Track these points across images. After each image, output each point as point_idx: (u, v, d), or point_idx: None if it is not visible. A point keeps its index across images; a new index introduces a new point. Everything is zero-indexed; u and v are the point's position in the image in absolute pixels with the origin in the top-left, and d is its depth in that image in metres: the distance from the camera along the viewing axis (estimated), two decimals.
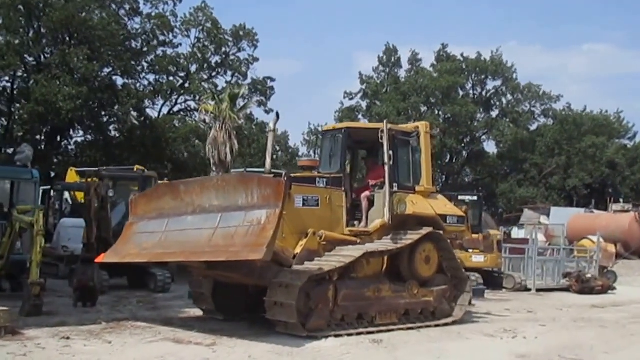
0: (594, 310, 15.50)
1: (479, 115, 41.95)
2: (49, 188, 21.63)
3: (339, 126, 11.85)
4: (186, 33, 33.17)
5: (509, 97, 42.80)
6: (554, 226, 30.17)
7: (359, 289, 10.34)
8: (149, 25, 31.89)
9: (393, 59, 41.57)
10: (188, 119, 33.43)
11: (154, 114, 32.68)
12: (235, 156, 26.83)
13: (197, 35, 33.61)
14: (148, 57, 31.67)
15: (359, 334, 10.04)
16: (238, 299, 11.16)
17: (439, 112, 39.97)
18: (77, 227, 15.93)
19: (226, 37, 33.43)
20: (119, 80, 30.24)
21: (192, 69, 33.42)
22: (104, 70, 29.28)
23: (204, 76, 33.89)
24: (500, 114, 43.28)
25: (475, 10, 77.39)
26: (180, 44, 33.35)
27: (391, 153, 10.83)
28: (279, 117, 11.31)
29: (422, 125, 12.20)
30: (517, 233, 33.27)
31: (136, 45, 31.13)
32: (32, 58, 28.28)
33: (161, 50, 32.17)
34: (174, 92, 32.88)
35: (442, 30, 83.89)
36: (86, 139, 30.80)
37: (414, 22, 78.15)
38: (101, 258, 11.34)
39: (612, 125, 45.31)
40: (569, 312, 15.04)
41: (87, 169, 21.02)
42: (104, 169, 19.30)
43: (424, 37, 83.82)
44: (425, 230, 11.21)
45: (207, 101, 27.35)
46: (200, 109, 27.70)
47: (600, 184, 43.17)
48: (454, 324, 11.53)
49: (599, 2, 77.64)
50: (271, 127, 11.19)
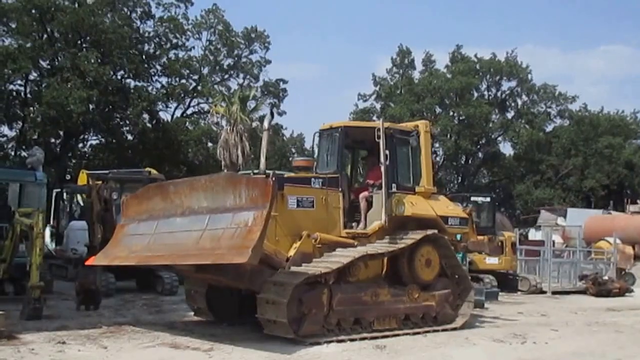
0: (610, 314, 14.93)
1: (494, 117, 41.15)
2: (59, 191, 21.57)
3: (335, 125, 11.33)
4: (197, 36, 33.01)
5: (524, 98, 42.07)
6: (570, 228, 29.52)
7: (355, 293, 9.84)
8: (161, 28, 31.83)
9: (407, 61, 41.00)
10: (201, 121, 33.23)
11: (167, 116, 32.69)
12: (247, 158, 26.54)
13: (209, 38, 33.49)
14: (160, 60, 31.57)
15: (362, 339, 9.62)
16: (232, 302, 10.73)
17: (453, 113, 39.28)
18: (85, 229, 15.66)
19: (238, 39, 33.20)
20: (131, 83, 30.18)
21: (204, 71, 33.26)
22: (115, 73, 29.21)
23: (216, 79, 33.71)
24: (515, 115, 42.43)
25: (491, 14, 76.35)
26: (193, 47, 33.34)
27: (387, 152, 10.32)
28: (273, 115, 10.90)
29: (422, 124, 11.68)
30: (534, 235, 32.64)
31: (149, 48, 31.04)
32: (45, 62, 28.26)
33: (173, 53, 32.08)
34: (186, 94, 32.73)
35: (457, 34, 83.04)
36: (100, 141, 30.76)
37: (430, 27, 77.33)
38: (91, 260, 11.02)
39: (628, 126, 44.16)
40: (584, 315, 14.49)
41: (97, 171, 20.89)
42: (115, 171, 19.11)
43: (439, 41, 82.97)
44: (424, 232, 10.67)
45: (218, 103, 27.15)
46: (211, 111, 27.52)
47: (617, 185, 42.13)
48: (461, 328, 11.05)
49: (614, 4, 76.13)
50: (265, 126, 10.76)
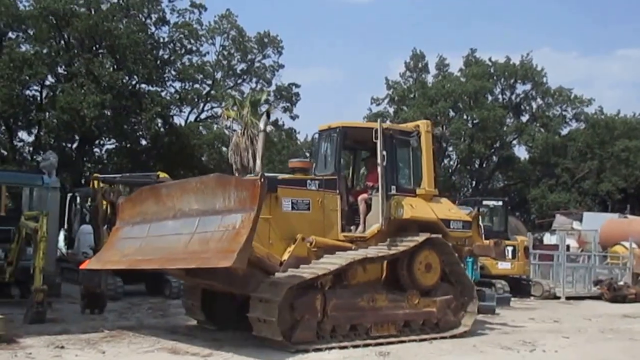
0: (625, 321, 14.34)
1: (508, 120, 40.38)
2: (72, 194, 21.50)
3: (334, 125, 10.93)
4: (211, 41, 32.92)
5: (539, 101, 41.14)
6: (586, 232, 28.64)
7: (351, 298, 9.42)
8: (176, 34, 31.79)
9: (420, 65, 40.49)
10: (214, 125, 33.11)
11: (181, 121, 32.58)
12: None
13: (222, 43, 33.36)
14: (175, 65, 31.50)
15: (365, 345, 9.25)
16: (227, 307, 10.37)
17: (467, 117, 38.63)
18: None
19: (251, 44, 33.04)
20: (145, 88, 30.10)
21: (218, 76, 33.11)
22: (130, 78, 29.18)
23: (229, 83, 33.56)
24: (530, 118, 41.60)
25: (508, 19, 75.44)
26: (207, 52, 33.26)
27: (385, 153, 9.89)
28: (269, 116, 10.57)
29: (423, 124, 11.21)
30: (549, 239, 31.90)
31: (163, 54, 30.98)
32: (61, 67, 28.30)
33: (187, 58, 32.00)
34: (200, 99, 32.62)
35: (473, 39, 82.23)
36: (115, 145, 30.74)
37: (444, 32, 76.64)
38: (85, 264, 10.75)
39: None
40: (598, 322, 13.91)
41: (109, 175, 20.82)
42: (123, 175, 18.97)
43: (453, 46, 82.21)
44: (424, 236, 10.20)
45: (229, 107, 26.96)
46: (223, 115, 27.31)
47: (635, 188, 41.03)
48: (468, 335, 10.61)
49: (633, 8, 74.67)
50: (261, 127, 10.41)
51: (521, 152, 43.10)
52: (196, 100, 32.53)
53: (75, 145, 29.70)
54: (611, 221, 31.50)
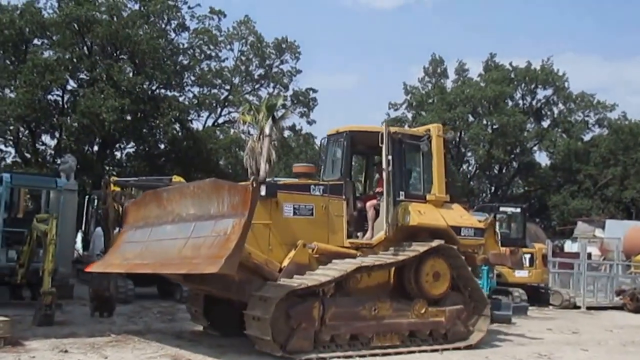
0: None
1: (529, 126, 39.50)
2: (89, 197, 21.50)
3: (342, 129, 10.57)
4: (230, 47, 32.83)
5: (561, 106, 40.18)
6: (609, 240, 27.81)
7: (352, 307, 9.02)
8: (195, 40, 31.78)
9: (439, 70, 39.89)
10: (231, 130, 32.93)
11: (199, 125, 32.51)
12: (273, 166, 25.99)
13: (241, 49, 33.25)
14: (194, 71, 31.46)
15: (372, 355, 8.92)
16: (229, 313, 10.02)
17: (487, 122, 37.89)
18: None
19: (269, 49, 32.87)
20: (164, 92, 30.10)
21: (236, 81, 32.98)
22: (150, 83, 29.20)
23: (247, 88, 33.47)
24: (551, 124, 40.65)
25: (529, 22, 74.36)
26: (226, 58, 33.19)
27: (390, 158, 9.46)
28: (275, 121, 10.17)
29: (434, 128, 10.77)
30: (570, 246, 31.13)
31: (182, 59, 30.98)
32: (83, 73, 28.41)
33: (206, 64, 31.96)
34: (218, 104, 32.53)
35: (495, 44, 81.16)
36: (136, 149, 30.76)
37: (464, 38, 75.86)
38: (89, 267, 10.55)
39: None
40: (619, 334, 13.36)
41: (126, 178, 20.79)
42: (143, 179, 18.90)
43: (473, 52, 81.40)
44: (432, 243, 9.74)
45: (245, 112, 26.74)
46: (239, 120, 27.12)
47: None
48: (482, 346, 10.22)
49: None
50: (266, 131, 10.13)
51: (542, 158, 42.23)
52: (214, 105, 32.43)
53: (96, 149, 29.79)
54: (635, 229, 30.60)
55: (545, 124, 40.85)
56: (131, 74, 27.58)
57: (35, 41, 28.28)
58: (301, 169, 10.37)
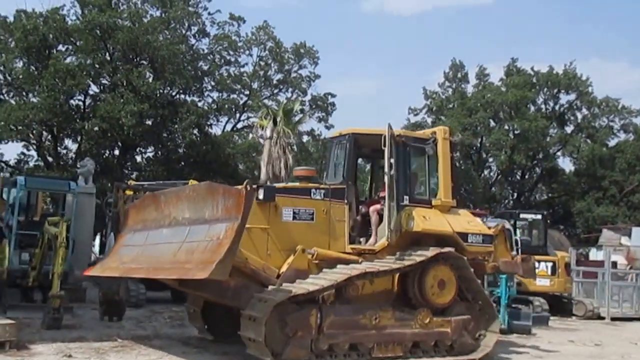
0: None
1: (551, 131, 38.52)
2: (105, 200, 21.46)
3: (344, 132, 10.24)
4: (248, 52, 32.73)
5: (585, 111, 39.10)
6: (635, 248, 26.93)
7: (352, 315, 8.63)
8: (216, 46, 31.81)
9: (460, 75, 39.20)
10: (250, 134, 32.78)
11: (219, 130, 32.45)
12: (289, 171, 25.73)
13: (259, 54, 33.14)
14: (214, 76, 31.43)
15: None
16: (227, 319, 9.74)
17: (508, 127, 37.07)
18: None
19: (288, 55, 32.70)
20: (183, 98, 30.12)
21: (254, 85, 32.86)
22: (171, 88, 29.25)
23: (266, 93, 33.33)
24: (575, 129, 39.60)
25: (552, 29, 73.06)
26: (245, 63, 33.13)
27: (393, 161, 9.07)
28: (276, 123, 9.87)
29: (440, 131, 10.35)
30: (595, 254, 30.24)
31: (201, 65, 30.98)
32: (105, 78, 28.55)
33: (225, 69, 31.90)
34: (237, 109, 32.42)
35: (518, 49, 79.91)
36: (155, 153, 30.81)
37: (485, 43, 74.83)
38: (88, 271, 10.37)
39: None
40: None
41: (141, 182, 20.75)
42: (160, 183, 18.81)
43: (495, 57, 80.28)
44: (435, 250, 9.30)
45: (263, 117, 26.56)
46: (256, 125, 26.92)
47: None
48: (494, 359, 9.82)
49: None
50: (267, 134, 9.76)
51: (566, 164, 41.17)
52: (233, 110, 32.33)
53: (116, 153, 29.93)
54: None
55: (569, 129, 39.81)
56: (151, 79, 27.64)
57: (60, 47, 28.56)
58: (302, 172, 10.03)
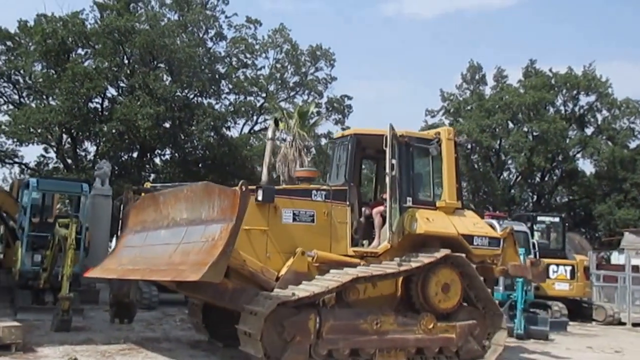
0: None
1: (571, 133, 37.75)
2: (119, 202, 21.44)
3: (347, 133, 10.01)
4: (265, 55, 32.65)
5: (605, 113, 38.25)
6: None
7: (352, 319, 8.34)
8: (233, 49, 31.78)
9: (477, 76, 38.66)
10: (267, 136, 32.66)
11: (236, 133, 32.41)
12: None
13: (276, 56, 33.04)
14: (231, 79, 31.39)
15: None
16: (227, 321, 9.54)
17: (527, 129, 36.41)
18: None
19: (304, 57, 32.53)
20: (199, 100, 30.11)
21: (271, 88, 32.75)
22: (189, 91, 29.26)
23: (282, 96, 33.21)
24: (595, 131, 38.75)
25: (572, 32, 71.85)
26: (263, 66, 33.06)
27: (395, 162, 8.79)
28: (277, 124, 9.70)
29: (444, 131, 10.00)
30: (617, 258, 29.44)
31: (218, 67, 30.97)
32: (122, 81, 28.68)
33: (242, 72, 31.85)
34: (254, 112, 32.33)
35: (536, 51, 78.76)
36: (172, 156, 30.85)
37: (511, 46, 73.86)
38: (88, 273, 10.25)
39: None
40: None
41: (157, 184, 20.73)
42: (176, 184, 18.71)
43: (516, 59, 79.13)
44: (439, 253, 8.98)
45: (277, 118, 26.38)
46: (271, 127, 26.73)
47: None
48: None
49: None
50: (269, 135, 9.58)
51: (586, 166, 40.34)
52: (250, 112, 32.26)
53: (135, 155, 30.02)
54: None
55: (589, 131, 38.98)
56: (167, 82, 27.68)
57: (80, 51, 28.78)
58: (303, 173, 9.82)
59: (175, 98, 27.32)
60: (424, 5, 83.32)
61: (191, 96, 29.87)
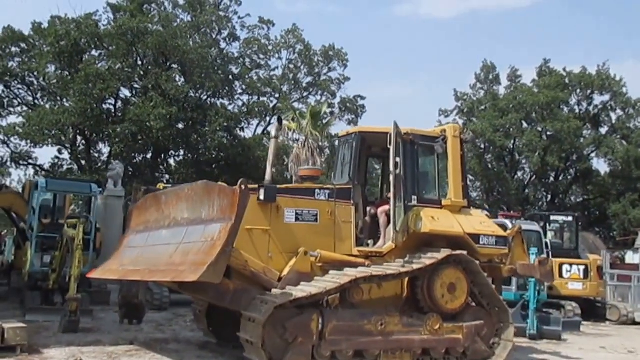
0: None
1: (585, 132, 37.14)
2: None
3: (352, 131, 9.82)
4: (278, 55, 32.53)
5: (619, 112, 37.52)
6: None
7: (356, 320, 8.13)
8: (246, 49, 31.71)
9: (491, 76, 38.18)
10: (281, 137, 32.46)
11: (250, 133, 32.33)
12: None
13: (289, 57, 32.89)
14: (244, 80, 31.31)
15: None
16: (233, 323, 9.38)
17: (541, 128, 35.89)
18: None
19: (317, 58, 32.34)
20: (212, 101, 30.05)
21: (284, 89, 32.61)
22: (202, 92, 29.22)
23: (295, 96, 33.04)
24: (610, 130, 38.09)
25: (586, 32, 70.89)
26: (276, 67, 32.92)
27: (399, 160, 8.58)
28: (281, 123, 9.52)
29: (450, 129, 9.76)
30: (632, 257, 28.94)
31: (231, 68, 30.90)
32: (136, 82, 28.71)
33: (255, 73, 31.73)
34: (267, 112, 32.23)
35: (551, 52, 77.83)
36: (185, 157, 30.82)
37: (525, 46, 73.08)
38: (90, 274, 10.15)
39: None
40: None
41: (168, 185, 20.69)
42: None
43: (530, 59, 78.33)
44: (441, 254, 8.74)
45: (290, 120, 26.25)
46: (284, 127, 26.58)
47: None
48: None
49: None
50: (273, 134, 9.41)
51: (600, 165, 39.67)
52: (263, 113, 32.16)
53: (149, 156, 30.03)
54: None
55: (603, 130, 38.35)
56: (180, 83, 27.65)
57: (93, 52, 28.85)
58: (306, 172, 9.66)
59: (188, 99, 27.29)
60: (438, 6, 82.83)
61: (204, 97, 29.84)
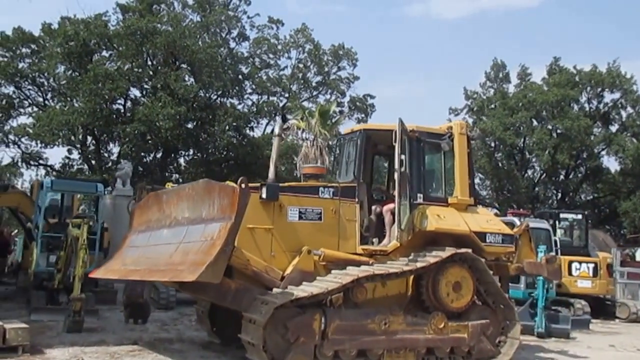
0: None
1: (596, 130, 36.67)
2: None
3: (356, 128, 9.67)
4: (287, 55, 32.38)
5: (630, 110, 36.97)
6: None
7: (359, 319, 7.98)
8: (255, 49, 31.60)
9: (501, 74, 37.80)
10: (290, 136, 32.35)
11: (259, 132, 32.23)
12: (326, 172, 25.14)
13: (298, 56, 32.74)
14: (254, 79, 31.20)
15: None
16: (235, 323, 9.24)
17: (551, 127, 35.47)
18: None
19: (326, 57, 32.15)
20: (221, 100, 29.94)
21: (294, 88, 32.46)
22: (211, 92, 29.13)
23: (305, 95, 32.87)
24: (620, 128, 37.56)
25: (598, 29, 70.09)
26: (285, 66, 32.79)
27: (404, 158, 8.41)
28: (285, 120, 9.41)
29: (457, 126, 9.58)
30: None
31: (240, 68, 30.79)
32: (146, 82, 28.66)
33: (264, 72, 31.61)
34: (276, 112, 32.11)
35: (560, 51, 77.17)
36: (195, 156, 30.76)
37: (535, 45, 72.44)
38: (93, 273, 10.06)
39: None
40: None
41: (176, 185, 20.63)
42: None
43: (540, 58, 77.60)
44: (445, 253, 8.56)
45: (299, 119, 26.08)
46: (293, 126, 26.45)
47: None
48: None
49: None
50: (276, 131, 9.26)
51: (611, 163, 39.19)
52: (274, 113, 32.04)
53: (159, 155, 29.99)
54: None
55: (614, 128, 37.82)
56: (189, 83, 27.58)
57: (103, 52, 28.84)
58: (309, 170, 9.50)
59: (197, 98, 27.19)
60: (449, 6, 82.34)
61: (213, 97, 29.74)
